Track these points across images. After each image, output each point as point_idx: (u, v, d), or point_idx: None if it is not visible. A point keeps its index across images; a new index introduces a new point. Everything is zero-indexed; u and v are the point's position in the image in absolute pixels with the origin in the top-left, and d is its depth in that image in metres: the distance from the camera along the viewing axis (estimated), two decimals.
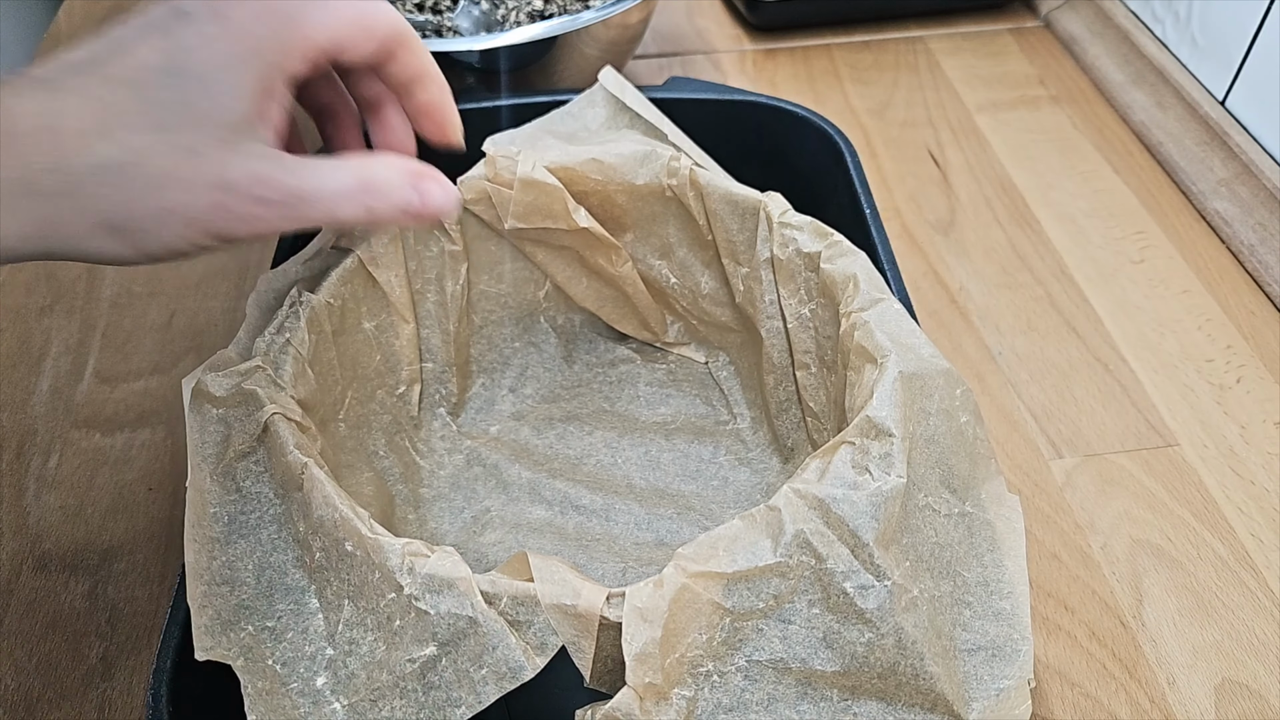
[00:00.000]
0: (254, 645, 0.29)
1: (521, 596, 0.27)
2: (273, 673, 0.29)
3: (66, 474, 0.44)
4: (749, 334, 0.43)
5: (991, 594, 0.30)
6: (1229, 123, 0.57)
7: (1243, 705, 0.37)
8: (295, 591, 0.30)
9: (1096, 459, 0.45)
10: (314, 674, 0.29)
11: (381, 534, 0.28)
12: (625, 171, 0.41)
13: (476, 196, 0.41)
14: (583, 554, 0.39)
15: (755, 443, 0.43)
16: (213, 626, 0.30)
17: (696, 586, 0.27)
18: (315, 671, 0.29)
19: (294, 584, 0.30)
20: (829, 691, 0.28)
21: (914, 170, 0.60)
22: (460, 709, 0.27)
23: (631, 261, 0.44)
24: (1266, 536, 0.42)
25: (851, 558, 0.28)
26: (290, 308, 0.36)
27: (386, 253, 0.40)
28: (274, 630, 0.30)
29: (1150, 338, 0.50)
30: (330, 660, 0.29)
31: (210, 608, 0.30)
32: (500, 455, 0.43)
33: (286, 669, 0.29)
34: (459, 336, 0.43)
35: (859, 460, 0.29)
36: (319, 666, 0.29)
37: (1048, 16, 0.72)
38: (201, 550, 0.31)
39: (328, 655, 0.29)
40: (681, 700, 0.27)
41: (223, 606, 0.30)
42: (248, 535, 0.31)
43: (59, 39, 0.71)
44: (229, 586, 0.30)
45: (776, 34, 0.71)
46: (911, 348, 0.33)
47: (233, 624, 0.30)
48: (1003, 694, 0.29)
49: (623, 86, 0.45)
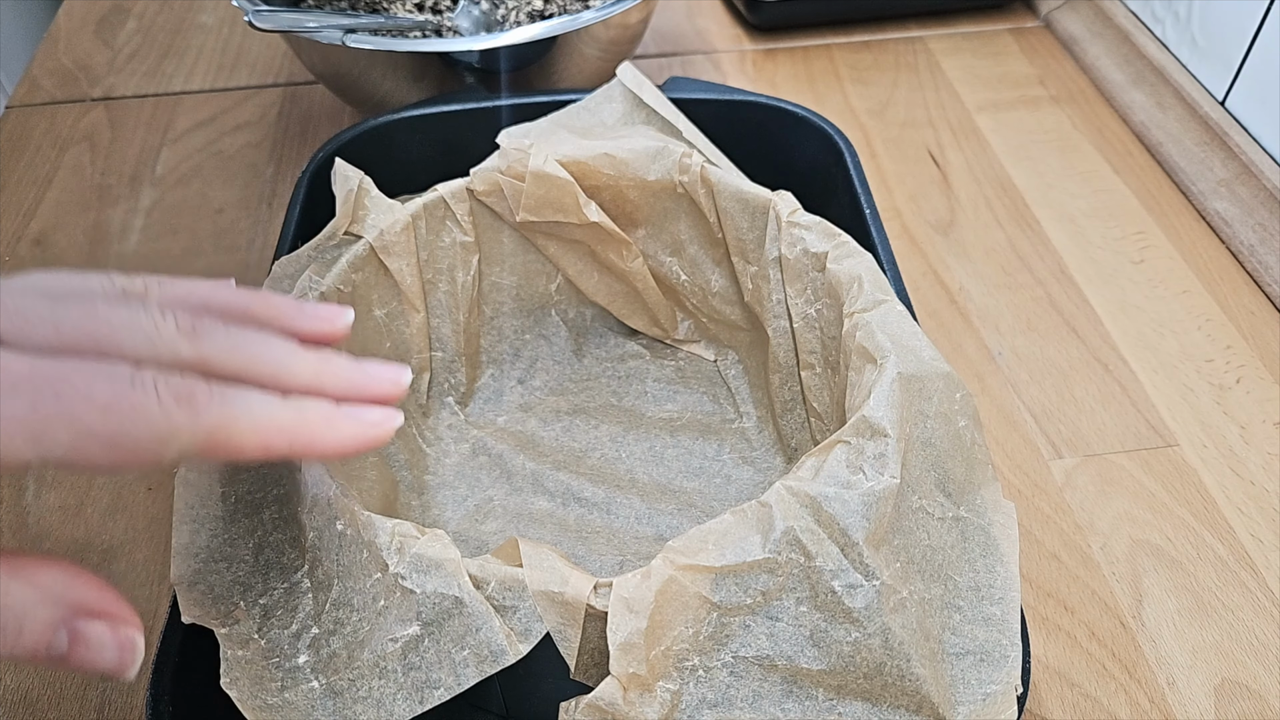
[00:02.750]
0: (243, 619, 0.30)
1: (509, 581, 0.27)
2: (256, 645, 0.29)
3: (66, 473, 0.44)
4: (757, 333, 0.43)
5: (982, 599, 0.30)
6: (1229, 123, 0.57)
7: (1242, 705, 0.37)
8: (290, 570, 0.31)
9: (1096, 459, 0.45)
10: (297, 652, 0.29)
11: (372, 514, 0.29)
12: (637, 167, 0.41)
13: (489, 189, 0.42)
14: (582, 546, 0.39)
15: (760, 442, 0.43)
16: (203, 600, 0.30)
17: (684, 579, 0.27)
18: (298, 649, 0.29)
19: (290, 563, 0.31)
20: (815, 690, 0.28)
21: (914, 170, 0.60)
22: (439, 690, 0.27)
23: (642, 257, 0.44)
24: (1266, 536, 0.42)
25: (841, 556, 0.28)
26: (301, 293, 0.36)
27: (398, 241, 0.40)
28: (265, 607, 0.30)
29: (1150, 338, 0.50)
30: (314, 639, 0.29)
31: (203, 584, 0.30)
32: (506, 446, 0.43)
33: (270, 644, 0.29)
34: (469, 327, 0.44)
35: (853, 460, 0.29)
36: (302, 645, 0.29)
37: (1048, 16, 0.72)
38: (201, 529, 0.31)
39: (313, 634, 0.29)
40: (666, 693, 0.27)
41: (217, 582, 0.30)
42: (252, 514, 0.32)
43: (59, 39, 0.71)
44: (226, 563, 0.31)
45: (776, 34, 0.71)
46: (912, 350, 0.33)
47: (224, 599, 0.30)
48: (989, 699, 0.29)
49: (640, 83, 0.45)
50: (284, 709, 0.28)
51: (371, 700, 0.27)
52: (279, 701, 0.28)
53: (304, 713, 0.28)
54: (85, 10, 0.74)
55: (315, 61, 0.54)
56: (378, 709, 0.27)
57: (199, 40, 0.71)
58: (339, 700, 0.28)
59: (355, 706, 0.27)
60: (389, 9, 0.61)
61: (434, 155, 0.48)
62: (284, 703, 0.28)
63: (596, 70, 0.56)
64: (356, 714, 0.27)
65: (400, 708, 0.27)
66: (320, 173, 0.45)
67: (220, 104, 0.65)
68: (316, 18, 0.50)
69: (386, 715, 0.27)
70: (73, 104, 0.65)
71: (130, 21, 0.73)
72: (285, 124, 0.64)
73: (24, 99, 0.66)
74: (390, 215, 0.40)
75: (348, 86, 0.55)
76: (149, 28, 0.72)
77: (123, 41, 0.71)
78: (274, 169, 0.60)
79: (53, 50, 0.70)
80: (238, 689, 0.28)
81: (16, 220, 0.57)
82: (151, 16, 0.73)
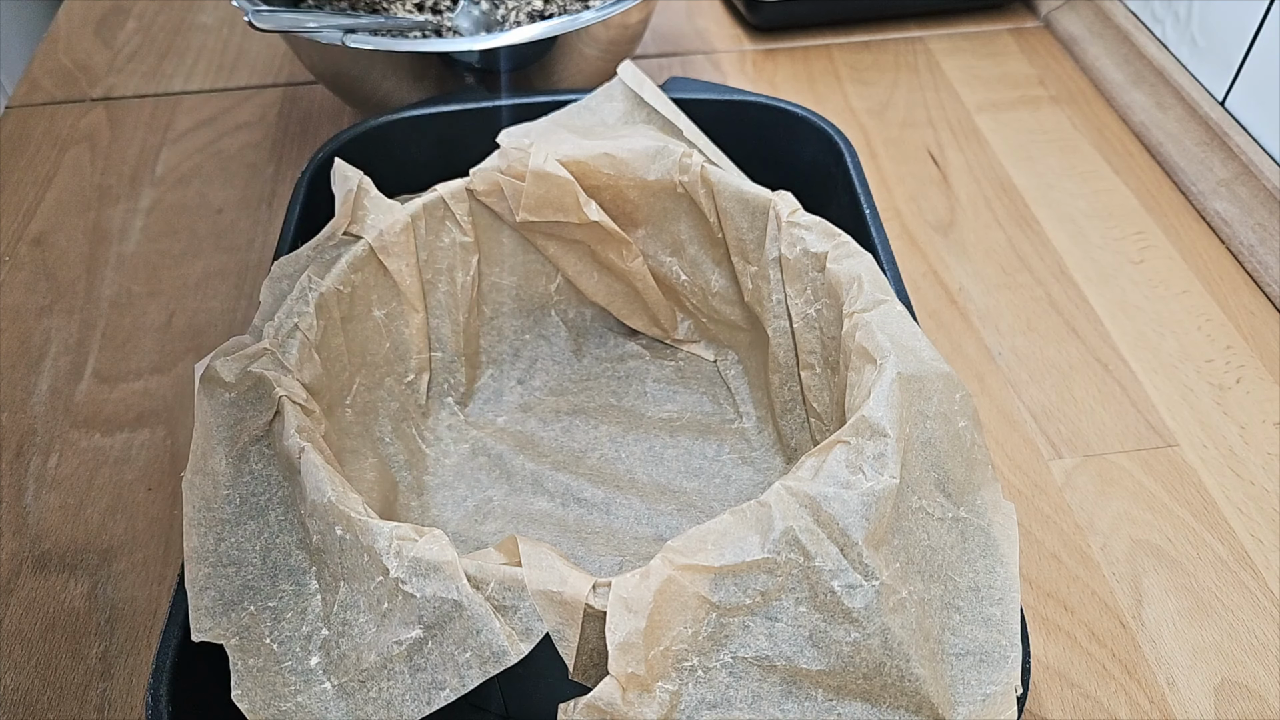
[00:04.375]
0: (253, 624, 0.30)
1: (509, 581, 0.27)
2: (269, 651, 0.29)
3: (66, 474, 0.44)
4: (757, 333, 0.43)
5: (982, 600, 0.30)
6: (1229, 123, 0.57)
7: (1242, 706, 0.37)
8: (297, 572, 0.31)
9: (1096, 459, 0.45)
10: (309, 654, 0.29)
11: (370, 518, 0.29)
12: (637, 167, 0.41)
13: (489, 188, 0.42)
14: (581, 546, 0.39)
15: (760, 442, 0.43)
16: (213, 608, 0.30)
17: (683, 579, 0.27)
18: (310, 651, 0.29)
19: (297, 565, 0.31)
20: (814, 691, 0.28)
21: (914, 170, 0.60)
22: (445, 691, 0.27)
23: (642, 257, 0.44)
24: (1266, 537, 0.42)
25: (840, 556, 0.28)
26: (300, 293, 0.36)
27: (398, 242, 0.40)
28: (275, 610, 0.30)
29: (1150, 338, 0.50)
30: (325, 641, 0.29)
31: (213, 589, 0.30)
32: (505, 446, 0.43)
33: (283, 648, 0.29)
34: (469, 327, 0.44)
35: (853, 460, 0.29)
36: (314, 647, 0.29)
37: (1047, 17, 0.72)
38: (209, 533, 0.31)
39: (323, 635, 0.29)
40: (665, 693, 0.27)
41: (226, 587, 0.30)
42: (257, 517, 0.32)
43: (59, 39, 0.71)
44: (235, 567, 0.31)
45: (776, 34, 0.71)
46: (912, 350, 0.33)
47: (234, 604, 0.30)
48: (989, 699, 0.29)
49: (641, 82, 0.45)
50: (298, 713, 0.28)
51: (382, 701, 0.27)
52: (293, 706, 0.28)
53: (318, 716, 0.28)
54: (85, 10, 0.74)
55: (315, 61, 0.54)
56: (388, 710, 0.27)
57: (199, 40, 0.71)
58: (351, 701, 0.28)
59: (367, 708, 0.28)
60: (389, 9, 0.61)
61: (434, 155, 0.48)
62: (298, 707, 0.28)
63: (596, 70, 0.56)
64: (368, 715, 0.28)
65: (409, 708, 0.27)
66: (320, 173, 0.45)
67: (220, 104, 0.65)
68: (316, 18, 0.50)
69: (396, 716, 0.27)
70: (73, 104, 0.65)
71: (130, 21, 0.73)
72: (285, 124, 0.64)
73: (24, 99, 0.66)
74: (390, 215, 0.40)
75: (348, 86, 0.55)
76: (149, 28, 0.72)
77: (123, 41, 0.71)
78: (274, 169, 0.60)
79: (53, 50, 0.70)
80: (249, 700, 0.28)
81: (16, 220, 0.57)
82: (151, 16, 0.73)
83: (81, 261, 0.55)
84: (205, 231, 0.56)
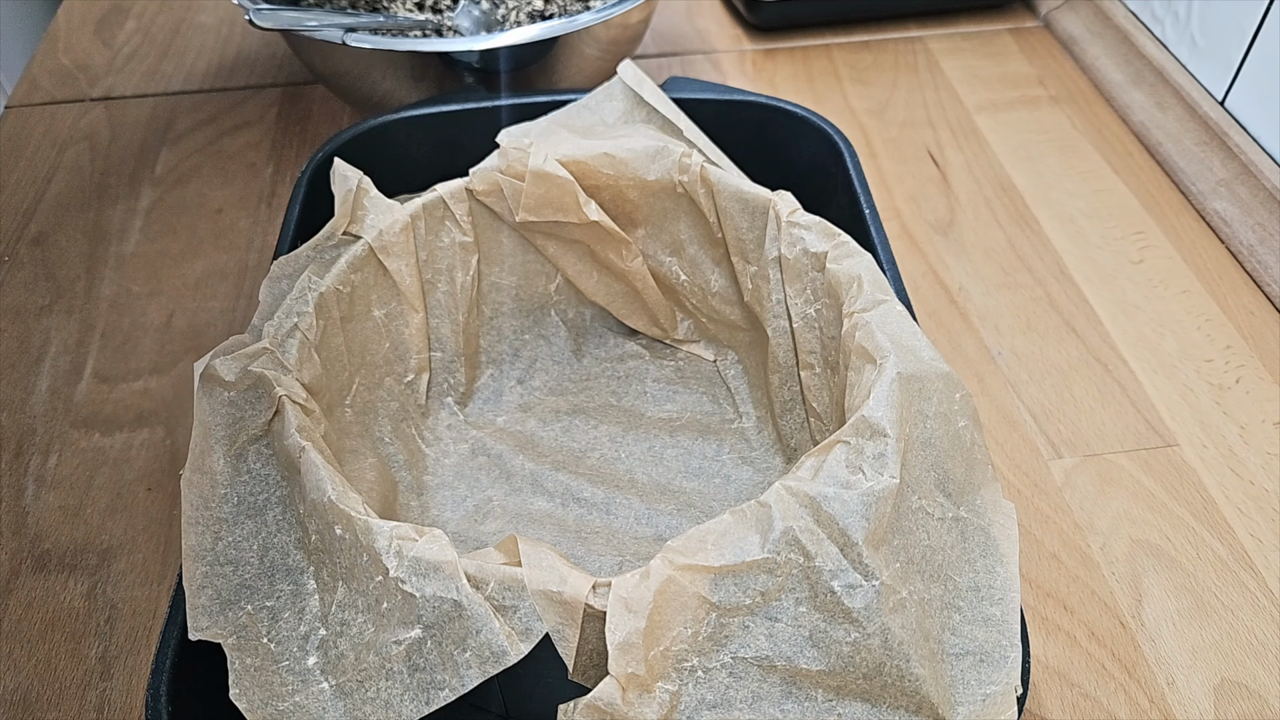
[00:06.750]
0: (250, 624, 0.30)
1: (508, 581, 0.27)
2: (266, 650, 0.29)
3: (65, 474, 0.44)
4: (757, 333, 0.43)
5: (982, 600, 0.30)
6: (1228, 123, 0.57)
7: (1242, 705, 0.37)
8: (295, 572, 0.31)
9: (1096, 459, 0.45)
10: (306, 653, 0.29)
11: (370, 517, 0.29)
12: (637, 166, 0.41)
13: (488, 188, 0.42)
14: (581, 546, 0.39)
15: (759, 442, 0.43)
16: (210, 607, 0.30)
17: (683, 579, 0.27)
18: (308, 651, 0.29)
19: (295, 564, 0.31)
20: (814, 691, 0.28)
21: (914, 170, 0.60)
22: (444, 691, 0.27)
23: (642, 257, 0.44)
24: (1266, 536, 0.42)
25: (840, 556, 0.28)
26: (300, 293, 0.36)
27: (397, 242, 0.40)
28: (272, 610, 0.30)
29: (1150, 338, 0.50)
30: (322, 640, 0.29)
31: (210, 588, 0.30)
32: (505, 446, 0.43)
33: (280, 647, 0.29)
34: (468, 327, 0.44)
35: (853, 460, 0.29)
36: (311, 646, 0.29)
37: (1047, 17, 0.72)
38: (206, 531, 0.31)
39: (320, 635, 0.29)
40: (665, 694, 0.27)
41: (224, 586, 0.30)
42: (255, 516, 0.32)
43: (58, 39, 0.71)
44: (232, 566, 0.31)
45: (776, 34, 0.71)
46: (912, 350, 0.33)
47: (232, 603, 0.30)
48: (989, 700, 0.29)
49: (641, 81, 0.45)
50: (295, 713, 0.28)
51: (380, 701, 0.27)
52: (290, 706, 0.28)
53: (315, 715, 0.28)
54: (85, 10, 0.74)
55: (315, 61, 0.54)
56: (386, 710, 0.27)
57: (199, 40, 0.71)
58: (349, 701, 0.28)
59: (365, 708, 0.28)
60: (389, 8, 0.61)
61: (433, 155, 0.48)
62: (295, 706, 0.28)
63: (596, 70, 0.56)
64: (366, 715, 0.27)
65: (408, 708, 0.27)
66: (319, 173, 0.45)
67: (220, 104, 0.65)
68: (316, 17, 0.50)
69: (395, 716, 0.27)
70: (72, 104, 0.65)
71: (130, 21, 0.73)
72: (284, 124, 0.64)
73: (24, 99, 0.66)
74: (389, 215, 0.40)
75: (347, 86, 0.55)
76: (148, 28, 0.72)
77: (122, 41, 0.71)
78: (273, 169, 0.60)
79: (52, 50, 0.70)
80: (247, 699, 0.28)
81: (16, 220, 0.57)
82: (151, 16, 0.73)
83: (81, 261, 0.55)
84: (205, 231, 0.56)
